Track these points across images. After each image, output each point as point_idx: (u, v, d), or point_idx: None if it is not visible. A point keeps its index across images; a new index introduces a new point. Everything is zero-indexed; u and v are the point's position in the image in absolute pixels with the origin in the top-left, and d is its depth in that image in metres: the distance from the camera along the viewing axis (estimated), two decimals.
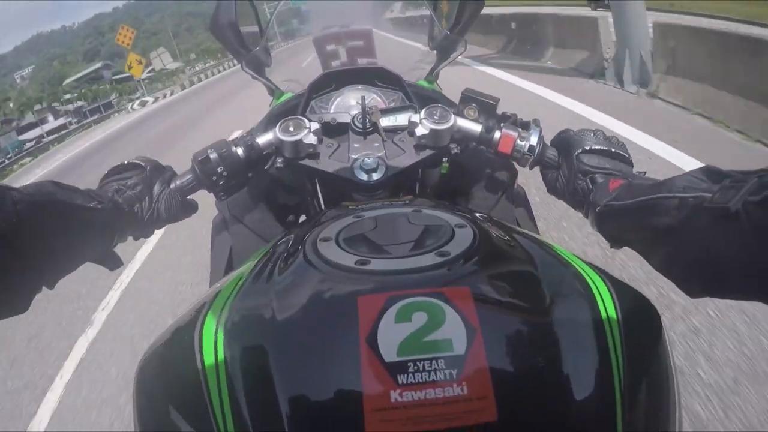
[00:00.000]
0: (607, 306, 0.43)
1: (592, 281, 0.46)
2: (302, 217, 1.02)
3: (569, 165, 0.72)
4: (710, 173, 0.48)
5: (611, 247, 0.66)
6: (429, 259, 0.44)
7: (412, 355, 0.35)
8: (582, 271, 0.47)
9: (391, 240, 0.48)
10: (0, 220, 0.44)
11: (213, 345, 0.40)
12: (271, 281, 0.45)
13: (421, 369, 0.35)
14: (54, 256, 0.53)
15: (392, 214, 0.55)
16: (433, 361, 0.35)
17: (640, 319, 0.46)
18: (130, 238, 0.70)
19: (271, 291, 0.43)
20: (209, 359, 0.39)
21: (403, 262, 0.44)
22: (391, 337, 0.36)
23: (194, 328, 0.43)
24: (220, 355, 0.39)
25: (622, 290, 0.46)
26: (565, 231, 2.55)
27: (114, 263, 0.68)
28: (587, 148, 0.71)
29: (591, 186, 0.68)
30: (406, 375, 0.35)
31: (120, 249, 0.69)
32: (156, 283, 3.19)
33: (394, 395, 0.34)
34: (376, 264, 0.44)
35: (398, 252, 0.46)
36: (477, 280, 0.42)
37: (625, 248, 0.63)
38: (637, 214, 0.56)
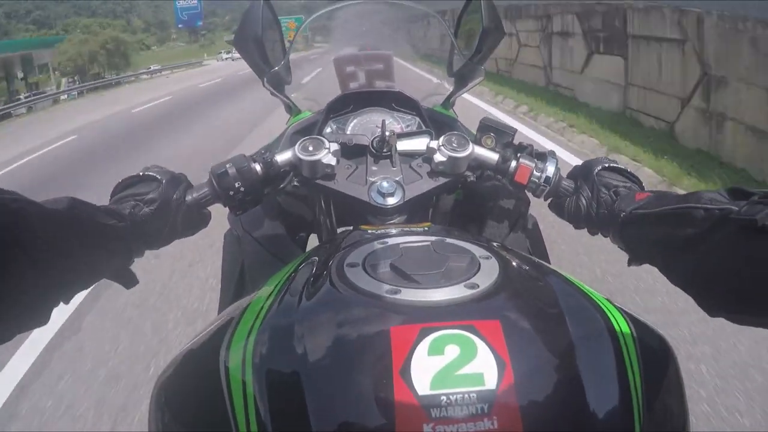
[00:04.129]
0: (628, 343, 0.44)
1: (613, 317, 0.46)
2: (312, 236, 1.02)
3: (590, 185, 0.72)
4: (737, 192, 0.48)
5: (629, 264, 0.66)
6: (458, 290, 0.44)
7: (445, 388, 0.35)
8: (602, 306, 0.48)
9: (419, 269, 0.48)
10: (21, 233, 0.44)
11: (240, 370, 0.40)
12: (300, 306, 0.45)
13: (453, 403, 0.35)
14: (72, 272, 0.52)
15: (416, 242, 0.55)
16: (466, 395, 0.35)
17: (658, 356, 0.47)
18: (147, 253, 0.69)
19: (300, 316, 0.43)
20: (237, 386, 0.39)
21: (434, 293, 0.44)
22: (424, 369, 0.36)
23: (219, 353, 0.42)
24: (249, 382, 0.39)
25: (639, 326, 0.47)
26: None
27: (130, 281, 0.66)
28: (607, 165, 0.73)
29: (615, 197, 0.68)
30: (439, 408, 0.35)
31: None
32: None
33: (427, 429, 0.34)
34: (407, 294, 0.43)
35: (427, 282, 0.46)
36: (506, 312, 0.43)
37: None
38: (661, 224, 0.56)
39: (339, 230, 0.90)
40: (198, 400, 0.42)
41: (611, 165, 0.72)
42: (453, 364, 0.36)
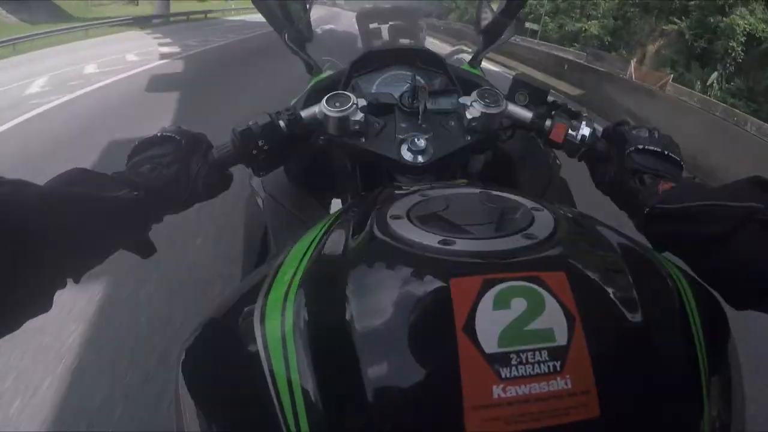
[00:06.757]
0: (687, 295, 0.42)
1: (672, 270, 0.44)
2: (334, 200, 0.99)
3: (620, 161, 0.69)
4: (760, 184, 0.48)
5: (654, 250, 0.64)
6: (517, 241, 0.40)
7: (515, 345, 0.32)
8: (658, 258, 0.45)
9: (470, 220, 0.43)
10: (22, 216, 0.42)
11: (279, 336, 0.36)
12: (342, 263, 0.41)
13: (524, 361, 0.32)
14: (79, 250, 0.50)
15: (462, 194, 0.51)
16: (536, 353, 0.32)
17: (712, 311, 0.45)
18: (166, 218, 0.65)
19: (344, 274, 0.39)
20: (275, 347, 0.35)
21: (491, 243, 0.40)
22: (490, 325, 0.33)
23: (252, 317, 0.38)
24: (290, 348, 0.35)
25: (691, 281, 0.45)
26: None
27: (147, 250, 0.63)
28: (640, 146, 0.68)
29: (640, 186, 0.66)
30: (509, 368, 0.31)
31: None
32: None
33: (497, 390, 0.31)
34: (463, 244, 0.39)
35: (481, 233, 0.42)
36: (571, 265, 0.39)
37: None
38: (685, 220, 0.54)
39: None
40: (232, 371, 0.39)
41: (646, 147, 0.67)
42: (521, 319, 0.33)
